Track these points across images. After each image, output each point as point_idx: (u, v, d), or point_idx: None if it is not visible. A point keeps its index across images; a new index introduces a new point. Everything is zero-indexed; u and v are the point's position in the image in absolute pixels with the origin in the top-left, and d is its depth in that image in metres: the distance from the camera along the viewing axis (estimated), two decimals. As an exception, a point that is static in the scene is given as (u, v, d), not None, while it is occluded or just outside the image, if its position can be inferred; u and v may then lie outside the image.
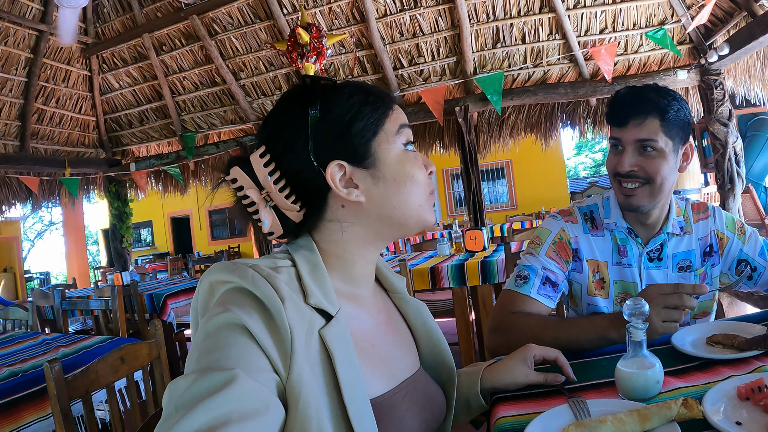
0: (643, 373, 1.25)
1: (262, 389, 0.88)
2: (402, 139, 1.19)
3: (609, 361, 1.54)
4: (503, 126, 9.07)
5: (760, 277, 2.05)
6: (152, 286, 6.42)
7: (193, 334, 1.01)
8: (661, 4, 7.42)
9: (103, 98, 10.01)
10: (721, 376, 1.33)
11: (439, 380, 1.35)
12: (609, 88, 7.88)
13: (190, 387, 0.84)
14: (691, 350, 1.51)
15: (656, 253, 2.04)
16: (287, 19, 8.28)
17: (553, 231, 2.11)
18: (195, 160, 10.21)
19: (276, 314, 0.95)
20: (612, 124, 1.96)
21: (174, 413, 0.81)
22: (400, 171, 1.16)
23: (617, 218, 2.05)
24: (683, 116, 1.91)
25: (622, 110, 1.92)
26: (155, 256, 21.24)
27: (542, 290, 1.98)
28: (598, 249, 2.07)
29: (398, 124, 1.19)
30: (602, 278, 2.06)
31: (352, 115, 1.14)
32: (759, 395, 1.13)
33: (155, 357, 2.31)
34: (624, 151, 1.91)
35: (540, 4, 7.78)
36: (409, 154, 1.19)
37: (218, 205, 23.89)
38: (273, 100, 9.24)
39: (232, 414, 0.81)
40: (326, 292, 1.09)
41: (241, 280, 0.99)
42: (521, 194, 19.79)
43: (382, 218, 1.17)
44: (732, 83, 7.88)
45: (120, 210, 10.74)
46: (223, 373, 0.85)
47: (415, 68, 8.56)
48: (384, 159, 1.16)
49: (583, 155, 42.39)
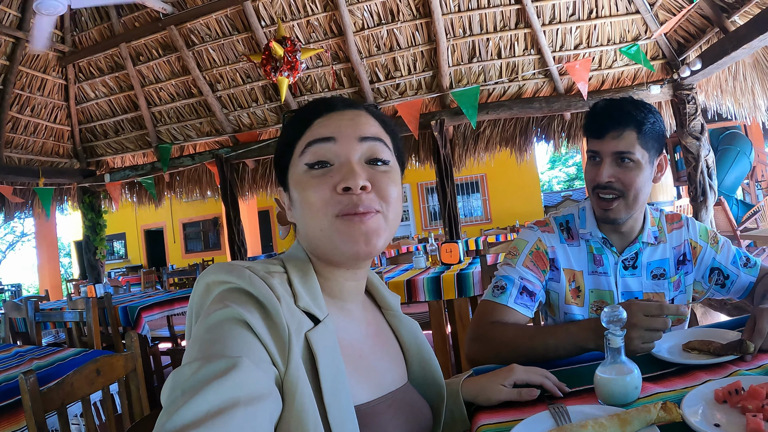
0: (622, 379, 1.27)
1: (265, 377, 0.89)
2: (305, 159, 1.15)
3: (587, 369, 1.56)
4: (478, 140, 9.13)
5: (733, 284, 2.11)
6: (126, 298, 6.32)
7: (188, 333, 1.05)
8: (635, 21, 7.55)
9: (79, 108, 9.94)
10: (698, 381, 1.36)
11: (427, 397, 1.34)
12: (583, 102, 7.97)
13: (196, 372, 0.84)
14: (668, 356, 1.55)
15: (631, 261, 2.08)
16: (265, 31, 8.30)
17: (529, 241, 2.12)
18: (170, 172, 10.15)
19: (274, 312, 0.97)
20: (590, 136, 1.99)
21: (180, 396, 0.81)
22: (299, 195, 1.15)
23: (592, 228, 2.08)
24: (658, 129, 1.95)
25: (600, 122, 1.95)
26: (128, 269, 21.10)
27: (519, 300, 2.00)
28: (574, 258, 2.11)
29: (305, 144, 1.16)
30: (578, 287, 2.09)
31: (278, 146, 1.25)
32: (736, 397, 1.16)
33: (131, 369, 2.28)
34: (602, 162, 1.95)
35: (516, 20, 7.87)
36: (308, 175, 1.14)
37: (192, 218, 23.80)
38: (249, 113, 9.29)
39: (239, 397, 0.81)
40: (315, 297, 1.10)
41: (239, 281, 1.00)
42: (495, 208, 19.97)
43: (306, 239, 1.18)
44: (704, 98, 8.03)
45: (94, 221, 10.64)
46: (229, 360, 0.86)
47: (392, 82, 8.60)
48: (291, 183, 1.18)
49: (557, 169, 42.75)
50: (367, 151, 1.15)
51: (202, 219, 23.67)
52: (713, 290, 2.15)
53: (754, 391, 1.14)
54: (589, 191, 2.04)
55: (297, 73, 7.15)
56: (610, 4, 7.52)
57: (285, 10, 8.14)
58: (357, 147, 1.14)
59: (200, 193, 10.81)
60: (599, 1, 7.53)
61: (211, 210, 22.06)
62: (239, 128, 9.48)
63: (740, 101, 7.76)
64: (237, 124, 9.48)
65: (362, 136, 1.15)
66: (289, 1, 8.05)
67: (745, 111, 7.79)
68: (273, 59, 7.01)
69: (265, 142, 9.21)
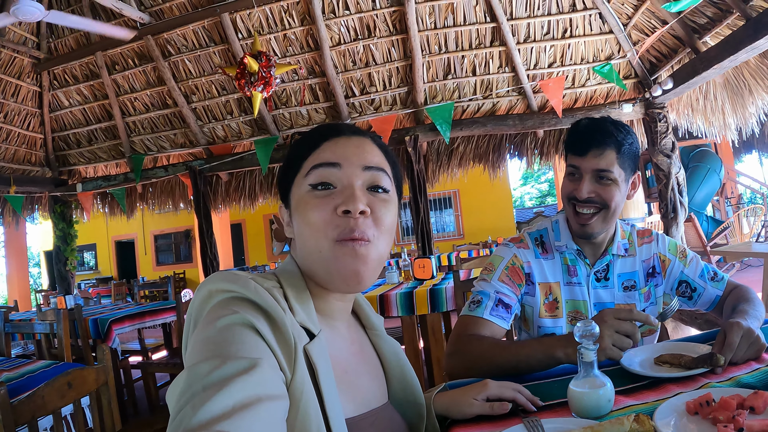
0: (595, 392, 1.29)
1: (279, 379, 0.93)
2: (310, 179, 1.17)
3: (561, 383, 1.59)
4: (452, 156, 9.17)
5: (699, 297, 2.20)
6: (97, 310, 6.26)
7: (186, 338, 1.06)
8: (608, 40, 7.69)
9: (53, 115, 9.81)
10: (669, 393, 1.40)
11: (407, 417, 1.35)
12: (556, 120, 8.07)
13: (217, 369, 0.86)
14: (639, 370, 1.57)
15: (603, 273, 2.16)
16: (242, 44, 8.30)
17: (505, 257, 2.19)
18: (143, 183, 10.05)
19: (280, 321, 1.00)
20: (572, 152, 2.06)
21: (202, 391, 0.82)
22: (299, 214, 1.17)
23: (567, 240, 2.16)
24: (635, 149, 2.06)
25: (582, 140, 2.02)
26: (98, 281, 20.81)
27: (495, 311, 2.05)
28: (549, 271, 2.17)
29: (311, 165, 1.18)
30: (555, 299, 2.15)
31: (283, 164, 1.29)
32: (707, 409, 1.20)
33: (102, 383, 2.26)
34: (582, 178, 2.03)
35: (491, 38, 7.97)
36: (310, 195, 1.16)
37: (164, 230, 23.55)
38: (224, 125, 9.26)
39: (262, 393, 0.85)
40: (309, 312, 1.12)
41: (244, 290, 1.02)
42: (468, 224, 20.04)
43: (302, 259, 1.20)
44: (675, 116, 8.21)
45: (65, 231, 10.48)
46: (250, 360, 0.89)
47: (367, 97, 8.64)
48: (293, 201, 1.21)
49: (529, 185, 43.11)
50: (369, 178, 1.18)
51: (173, 231, 23.43)
52: (680, 302, 2.22)
53: (725, 403, 1.17)
54: (566, 204, 2.12)
55: (271, 89, 7.16)
56: (584, 24, 7.66)
57: (262, 23, 8.15)
58: (360, 174, 1.17)
59: (173, 204, 10.72)
60: (573, 21, 7.66)
61: (183, 222, 21.88)
62: (213, 140, 9.43)
63: (710, 120, 7.90)
64: (211, 136, 9.44)
65: (366, 165, 1.19)
66: (267, 15, 8.07)
67: (716, 129, 7.93)
68: (248, 73, 7.02)
69: (239, 155, 9.16)
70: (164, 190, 10.58)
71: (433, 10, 7.82)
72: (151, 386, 5.49)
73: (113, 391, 2.30)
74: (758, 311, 1.89)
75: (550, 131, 8.67)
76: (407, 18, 7.73)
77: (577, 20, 7.66)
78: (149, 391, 5.50)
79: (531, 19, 7.74)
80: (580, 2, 7.52)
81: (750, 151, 17.74)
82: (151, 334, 7.35)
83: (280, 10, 8.00)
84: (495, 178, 9.81)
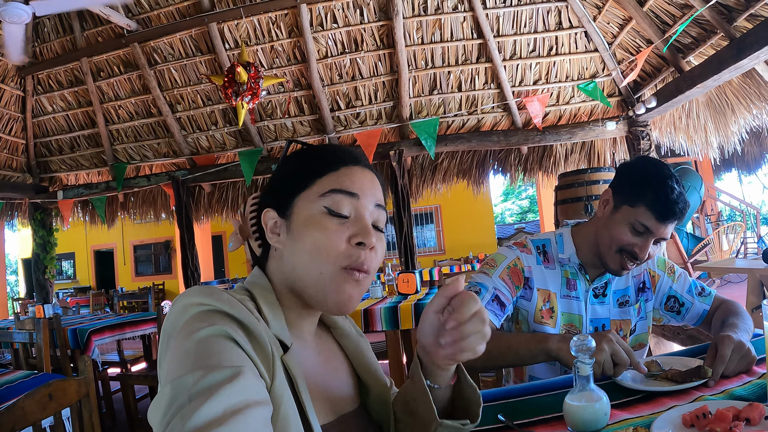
0: (591, 406, 1.29)
1: (262, 386, 0.93)
2: (326, 201, 1.16)
3: (555, 397, 1.58)
4: (436, 171, 9.26)
5: (687, 312, 2.24)
6: (76, 320, 6.12)
7: (162, 353, 1.02)
8: (593, 59, 7.80)
9: (35, 121, 9.70)
10: (664, 407, 1.40)
11: (380, 417, 1.33)
12: (540, 136, 8.17)
13: (201, 379, 0.86)
14: (632, 384, 1.58)
15: (601, 290, 2.19)
16: (228, 54, 8.29)
17: (508, 257, 2.19)
18: (125, 192, 9.99)
19: (255, 332, 1.00)
20: (654, 216, 1.95)
21: (188, 402, 0.83)
22: (305, 230, 1.15)
23: (571, 254, 2.17)
24: None
25: (671, 211, 1.94)
26: (76, 290, 20.55)
27: (490, 306, 2.05)
28: (550, 280, 2.18)
29: (330, 187, 1.17)
30: (552, 308, 2.16)
31: (288, 170, 1.25)
32: (704, 421, 1.21)
33: (84, 395, 2.19)
34: (647, 240, 1.98)
35: (477, 54, 8.05)
36: (326, 219, 1.15)
37: (144, 240, 23.30)
38: (208, 136, 9.25)
39: (249, 400, 0.85)
40: (281, 324, 1.13)
41: (218, 303, 1.01)
42: (449, 239, 20.07)
43: (291, 272, 1.18)
44: (658, 134, 8.34)
45: (44, 239, 10.35)
46: (233, 369, 0.89)
47: (352, 111, 8.68)
48: (298, 214, 1.18)
49: (510, 202, 43.22)
50: (377, 216, 1.21)
51: (153, 242, 23.20)
52: (669, 317, 2.28)
53: (722, 415, 1.19)
54: (614, 250, 2.04)
55: (257, 100, 7.15)
56: (570, 42, 7.77)
57: (250, 34, 8.17)
58: (373, 211, 1.19)
59: (154, 214, 10.67)
60: (559, 39, 7.78)
61: (163, 233, 21.64)
62: (197, 151, 9.41)
63: (693, 138, 8.06)
64: (195, 146, 9.42)
65: (378, 203, 1.21)
66: (255, 26, 8.09)
67: (697, 147, 8.09)
68: (236, 83, 7.00)
69: (223, 166, 9.16)
70: (146, 199, 10.51)
71: (421, 25, 7.89)
72: (130, 398, 5.38)
73: (94, 403, 2.24)
74: (747, 325, 1.92)
75: (534, 147, 8.78)
76: (395, 33, 7.79)
77: (563, 38, 7.77)
78: (128, 403, 5.40)
79: (517, 37, 7.85)
80: (566, 21, 7.64)
81: (730, 169, 18.02)
82: (130, 346, 7.24)
83: (268, 21, 8.03)
84: (478, 194, 9.87)
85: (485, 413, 1.47)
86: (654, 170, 2.01)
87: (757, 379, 1.55)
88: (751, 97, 6.79)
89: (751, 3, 5.51)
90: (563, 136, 8.32)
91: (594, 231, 2.14)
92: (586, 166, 8.71)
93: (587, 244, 2.16)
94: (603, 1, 7.23)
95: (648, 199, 1.96)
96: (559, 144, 8.73)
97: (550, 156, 8.91)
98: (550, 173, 8.99)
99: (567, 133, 8.29)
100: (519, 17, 7.76)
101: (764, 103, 6.68)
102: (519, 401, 1.61)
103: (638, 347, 2.22)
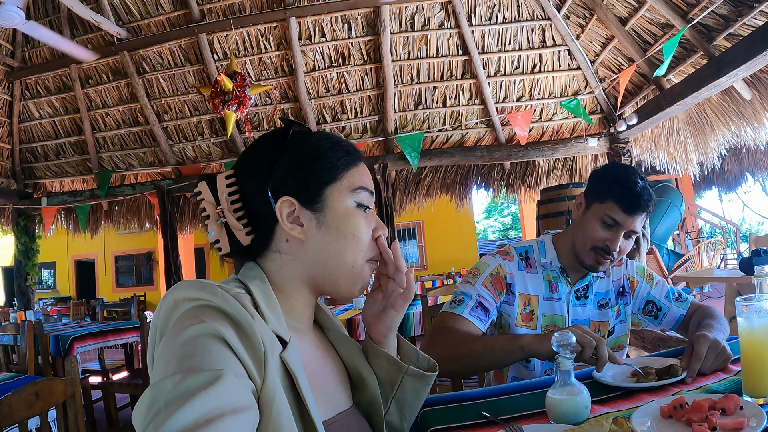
0: (573, 399, 1.34)
1: (245, 389, 0.91)
2: (357, 197, 1.22)
3: (537, 395, 1.62)
4: (419, 185, 9.31)
5: (665, 316, 2.37)
6: (57, 327, 6.12)
7: (152, 351, 1.05)
8: (576, 76, 7.92)
9: (22, 126, 9.64)
10: (643, 402, 1.47)
11: (371, 419, 1.35)
12: (523, 152, 8.27)
13: (179, 384, 0.85)
14: (612, 381, 1.66)
15: (583, 292, 2.32)
16: (217, 65, 8.30)
17: (491, 265, 2.29)
18: (109, 201, 9.93)
19: (248, 328, 0.99)
20: (618, 206, 2.09)
21: (164, 408, 0.82)
22: (343, 223, 1.19)
23: (552, 258, 2.31)
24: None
25: (635, 202, 2.08)
26: (57, 300, 20.27)
27: (474, 312, 2.14)
28: (530, 284, 2.29)
29: (359, 184, 1.23)
30: (532, 311, 2.27)
31: (315, 157, 1.22)
32: (681, 411, 1.28)
33: (70, 395, 2.18)
34: (617, 233, 2.11)
35: (462, 70, 8.15)
36: (359, 213, 1.23)
37: (126, 251, 23.09)
38: (195, 146, 9.23)
39: (225, 407, 0.84)
40: (280, 320, 1.12)
41: (211, 297, 1.01)
42: (431, 255, 20.10)
43: (317, 263, 1.20)
44: (639, 151, 8.48)
45: (27, 246, 10.22)
46: (212, 372, 0.87)
47: (338, 124, 8.72)
48: (332, 207, 1.20)
49: (492, 219, 43.24)
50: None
51: (135, 253, 23.01)
52: (646, 320, 2.40)
53: (698, 405, 1.26)
54: (588, 247, 2.17)
55: (245, 108, 7.17)
56: (553, 60, 7.89)
57: (239, 46, 8.20)
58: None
59: (138, 224, 10.61)
60: (543, 56, 7.90)
61: (145, 244, 21.48)
62: (183, 161, 9.39)
63: (673, 154, 8.18)
64: (181, 156, 9.39)
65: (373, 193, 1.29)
66: (244, 37, 8.12)
67: (678, 164, 8.21)
68: (222, 92, 7.03)
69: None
70: (130, 208, 10.45)
71: (407, 41, 7.98)
72: (111, 407, 5.33)
73: (80, 405, 2.23)
74: (723, 326, 2.03)
75: (517, 163, 8.88)
76: (381, 48, 7.87)
77: (547, 56, 7.90)
78: (110, 412, 5.34)
79: (502, 54, 7.96)
80: (550, 39, 7.76)
81: (710, 187, 18.27)
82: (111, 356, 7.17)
83: (257, 33, 8.07)
84: (460, 210, 9.95)
85: (470, 410, 1.55)
86: (619, 169, 2.22)
87: (733, 376, 1.62)
88: (730, 115, 6.91)
89: (729, 22, 5.65)
90: (546, 151, 8.41)
91: (571, 234, 2.27)
92: (568, 181, 8.81)
93: (566, 248, 2.29)
94: (586, 20, 7.36)
95: (615, 194, 2.10)
96: (542, 160, 8.82)
97: (533, 171, 9.00)
98: (532, 188, 9.07)
99: (549, 149, 8.38)
100: (504, 35, 7.87)
101: (743, 121, 6.81)
102: (502, 399, 1.66)
103: (617, 349, 2.34)
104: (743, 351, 1.44)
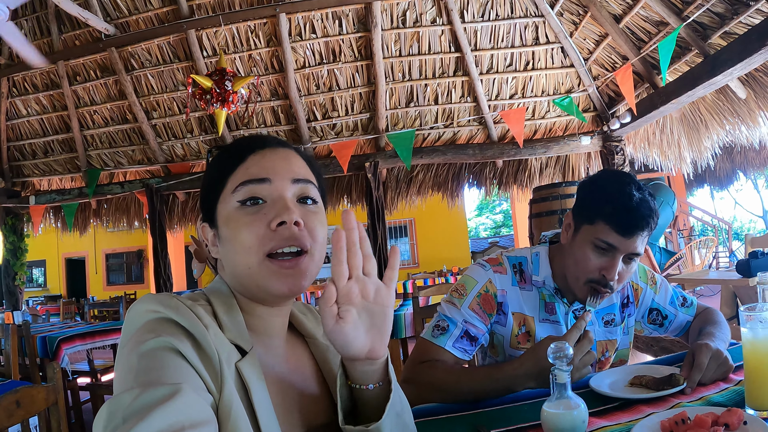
0: (570, 413, 1.27)
1: (204, 403, 0.89)
2: (238, 196, 1.14)
3: (531, 406, 1.57)
4: (411, 183, 9.28)
5: (671, 324, 2.18)
6: (45, 328, 6.05)
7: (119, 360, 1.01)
8: (569, 74, 7.89)
9: (9, 124, 9.56)
10: (642, 414, 1.41)
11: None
12: (516, 150, 8.24)
13: (137, 398, 0.83)
14: (609, 392, 1.58)
15: (582, 311, 2.04)
16: (206, 62, 8.25)
17: (479, 281, 2.03)
18: (98, 199, 9.88)
19: (202, 340, 0.98)
20: (614, 230, 1.79)
21: (122, 423, 0.80)
22: (227, 231, 1.14)
23: (546, 277, 2.03)
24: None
25: (632, 221, 1.78)
26: (47, 298, 20.18)
27: (458, 343, 1.94)
28: (526, 303, 2.04)
29: (241, 180, 1.15)
30: (528, 332, 2.03)
31: (208, 175, 1.23)
32: (683, 427, 1.21)
33: (53, 403, 2.12)
34: (614, 258, 1.81)
35: (455, 68, 8.10)
36: (240, 212, 1.13)
37: (116, 249, 23.04)
38: (184, 143, 9.18)
39: (184, 421, 0.82)
40: (240, 329, 1.10)
41: (166, 310, 1.00)
42: (423, 253, 20.12)
43: (232, 276, 1.18)
44: (632, 149, 8.47)
45: (15, 245, 10.17)
46: (170, 387, 0.86)
47: (329, 121, 8.68)
48: (221, 219, 1.17)
49: (484, 216, 43.31)
50: (298, 191, 1.17)
51: (126, 251, 22.97)
52: (651, 329, 2.22)
53: (700, 420, 1.19)
54: (582, 281, 1.89)
55: (230, 105, 7.01)
56: (546, 57, 7.86)
57: (228, 42, 8.14)
58: (290, 187, 1.16)
59: (127, 222, 10.55)
60: (536, 54, 7.86)
61: (135, 242, 21.42)
62: (172, 159, 9.33)
63: (666, 153, 8.19)
64: (170, 154, 9.34)
65: (295, 177, 1.17)
66: (233, 34, 8.06)
67: (671, 163, 8.21)
68: (204, 91, 6.91)
69: (197, 175, 9.09)
70: (119, 207, 10.39)
71: (399, 37, 7.93)
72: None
73: (63, 413, 2.17)
74: (724, 333, 1.90)
75: (509, 161, 8.83)
76: (373, 44, 7.82)
77: (540, 53, 7.87)
78: (98, 413, 5.32)
79: (494, 51, 7.92)
80: (543, 36, 7.73)
81: (702, 185, 18.39)
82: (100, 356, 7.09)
83: (246, 30, 8.01)
84: (452, 207, 9.91)
85: (463, 423, 1.49)
86: (610, 180, 1.89)
87: (734, 386, 1.56)
88: (724, 113, 6.91)
89: (725, 21, 5.62)
90: (538, 150, 8.40)
91: (563, 261, 1.99)
92: (561, 180, 8.79)
93: (561, 272, 2.01)
94: (580, 17, 7.33)
95: (605, 212, 1.80)
96: (534, 158, 8.80)
97: (525, 170, 8.97)
98: (524, 187, 9.05)
99: (542, 147, 8.37)
100: (496, 32, 7.84)
101: (737, 119, 6.80)
102: (496, 410, 1.60)
103: (618, 363, 2.16)
104: (746, 362, 1.37)
